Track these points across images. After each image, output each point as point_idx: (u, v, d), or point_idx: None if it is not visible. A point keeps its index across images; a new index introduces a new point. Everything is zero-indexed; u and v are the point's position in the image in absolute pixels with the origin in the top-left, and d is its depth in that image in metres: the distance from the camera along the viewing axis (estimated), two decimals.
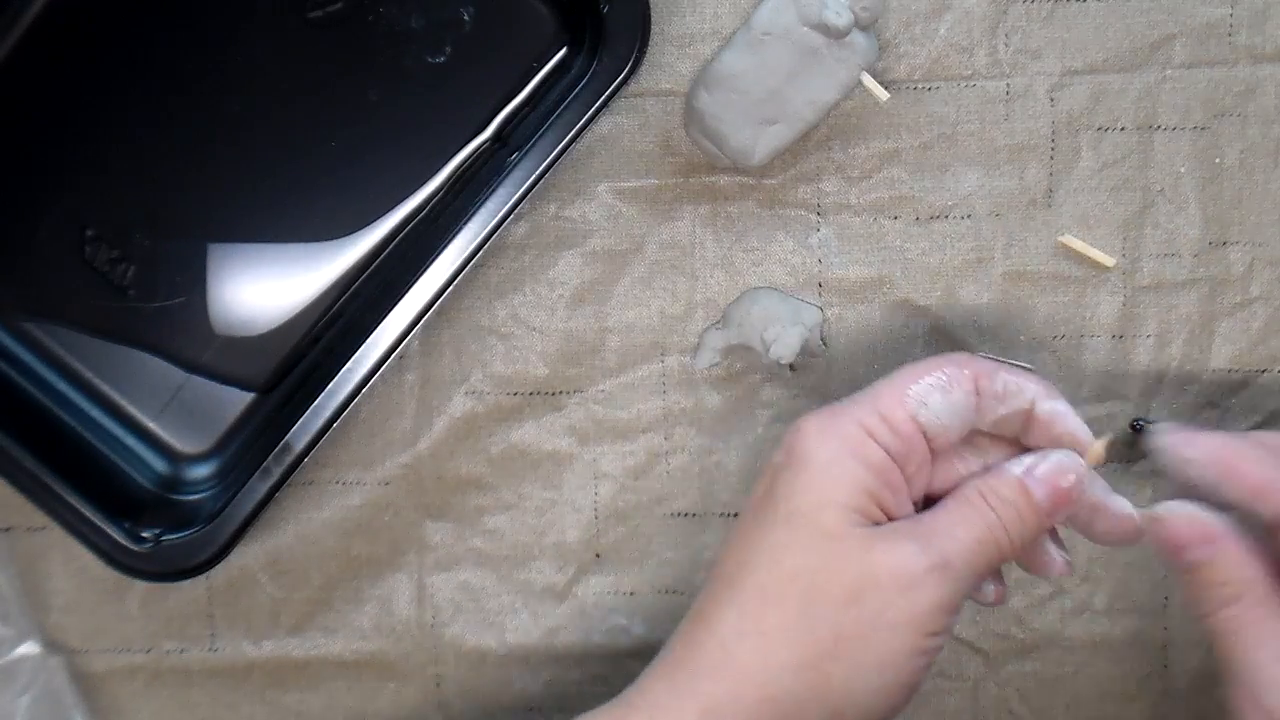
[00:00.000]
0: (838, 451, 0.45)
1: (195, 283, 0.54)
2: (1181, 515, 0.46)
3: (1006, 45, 0.54)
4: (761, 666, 0.44)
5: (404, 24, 0.54)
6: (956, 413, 0.46)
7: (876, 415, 0.45)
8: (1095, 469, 0.47)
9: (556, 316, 0.56)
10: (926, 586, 0.44)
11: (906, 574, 0.44)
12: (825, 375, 0.56)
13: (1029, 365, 0.47)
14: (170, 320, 0.54)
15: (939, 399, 0.46)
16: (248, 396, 0.55)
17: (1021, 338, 0.55)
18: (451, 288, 0.52)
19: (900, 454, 0.46)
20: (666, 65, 0.54)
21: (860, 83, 0.51)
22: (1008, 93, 0.54)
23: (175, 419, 0.55)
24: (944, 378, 0.46)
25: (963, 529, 0.45)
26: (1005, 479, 0.46)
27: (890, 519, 0.46)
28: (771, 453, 0.47)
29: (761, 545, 0.45)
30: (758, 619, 0.45)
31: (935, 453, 0.47)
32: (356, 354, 0.52)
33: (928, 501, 0.48)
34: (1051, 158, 0.55)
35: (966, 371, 0.46)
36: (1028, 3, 0.54)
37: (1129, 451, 0.56)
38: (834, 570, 0.44)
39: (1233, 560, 0.45)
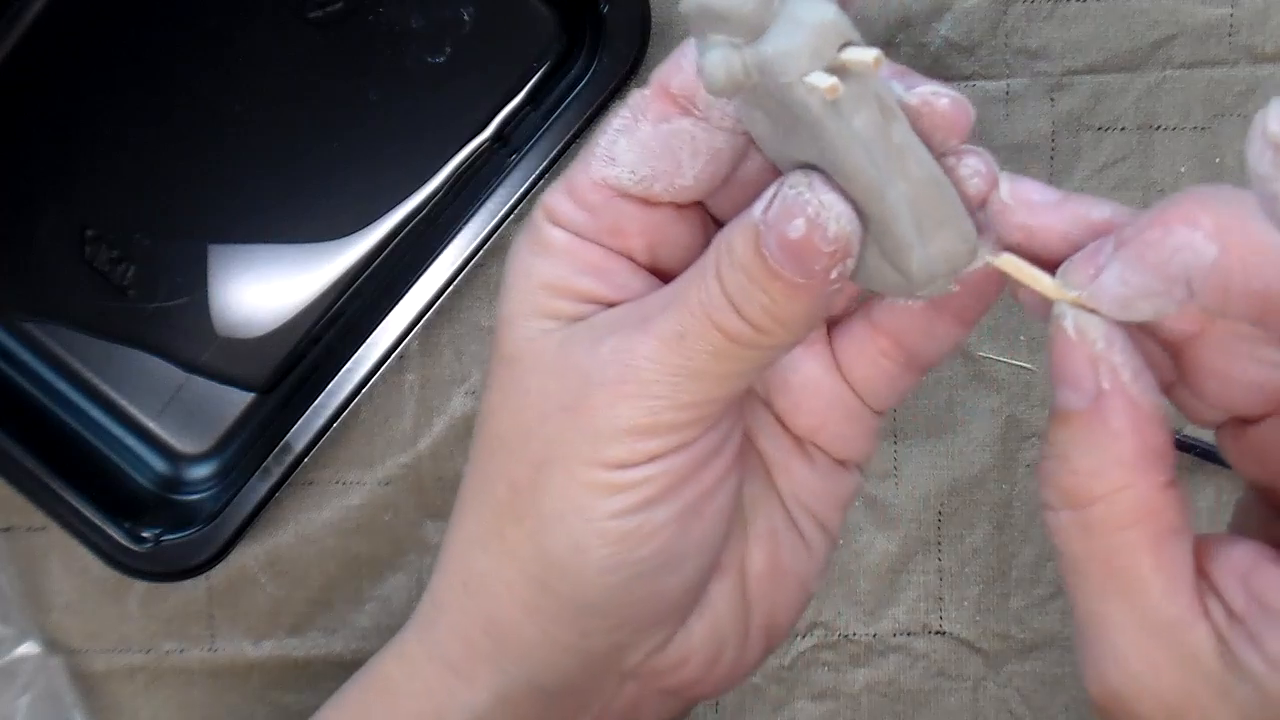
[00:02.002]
0: (520, 251, 0.35)
1: (195, 283, 0.54)
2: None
3: (1006, 45, 0.54)
4: (492, 572, 0.35)
5: (404, 24, 0.54)
6: (651, 151, 0.33)
7: (561, 191, 0.34)
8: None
9: None
10: (601, 406, 0.32)
11: (575, 393, 0.32)
12: None
13: (1029, 365, 0.47)
14: (170, 320, 0.54)
15: (624, 144, 0.33)
16: (248, 396, 0.55)
17: (1021, 338, 0.55)
18: (451, 288, 0.52)
19: (592, 227, 0.34)
20: None
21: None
22: (1008, 93, 0.54)
23: (175, 419, 0.55)
24: (627, 115, 0.33)
25: (673, 313, 0.32)
26: (741, 225, 0.31)
27: (617, 302, 0.34)
28: None
29: (482, 413, 0.35)
30: (476, 517, 0.35)
31: (669, 201, 0.34)
32: (356, 354, 0.52)
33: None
34: (1051, 158, 0.55)
35: (650, 95, 0.33)
36: (1028, 3, 0.54)
37: None
38: (522, 407, 0.34)
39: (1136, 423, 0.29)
